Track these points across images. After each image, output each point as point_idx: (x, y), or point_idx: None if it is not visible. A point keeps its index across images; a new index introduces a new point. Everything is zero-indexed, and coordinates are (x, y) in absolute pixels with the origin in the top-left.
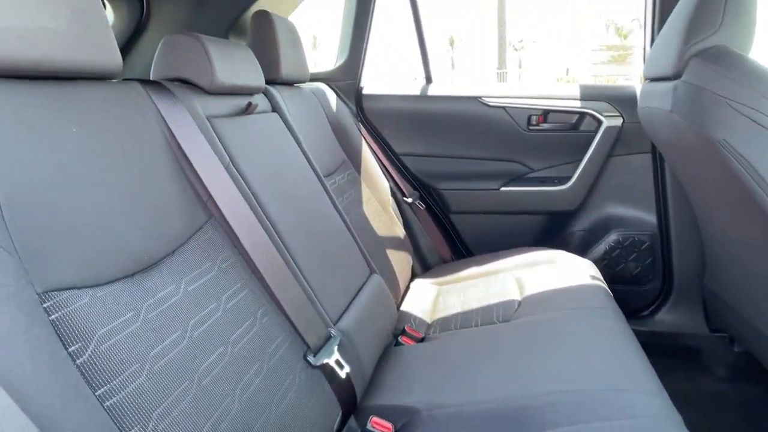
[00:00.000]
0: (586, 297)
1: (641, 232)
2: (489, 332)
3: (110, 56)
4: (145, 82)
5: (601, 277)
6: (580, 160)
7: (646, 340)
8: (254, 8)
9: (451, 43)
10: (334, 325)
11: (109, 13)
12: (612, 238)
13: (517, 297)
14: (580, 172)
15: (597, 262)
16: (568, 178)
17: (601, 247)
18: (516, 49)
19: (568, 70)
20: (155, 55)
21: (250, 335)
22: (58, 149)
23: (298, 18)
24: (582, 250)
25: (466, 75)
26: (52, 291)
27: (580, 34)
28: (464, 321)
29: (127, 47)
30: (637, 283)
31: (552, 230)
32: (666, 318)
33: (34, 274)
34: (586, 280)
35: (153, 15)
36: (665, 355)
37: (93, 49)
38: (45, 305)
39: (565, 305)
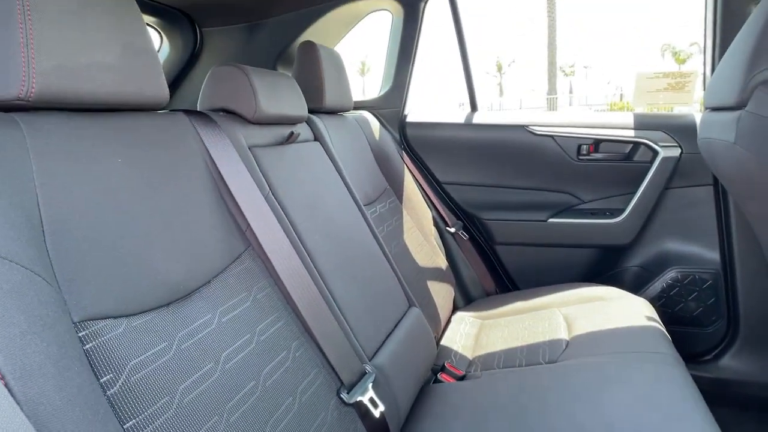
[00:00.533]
0: (640, 339)
1: (703, 269)
2: (534, 374)
3: (158, 88)
4: (190, 112)
5: (658, 318)
6: (634, 192)
7: (708, 389)
8: (301, 39)
9: (499, 68)
10: (370, 360)
11: (166, 45)
12: (670, 275)
13: (565, 336)
14: (635, 205)
15: (653, 301)
16: (622, 211)
17: (658, 285)
18: (566, 74)
19: (621, 95)
20: (203, 86)
21: (282, 369)
22: (103, 179)
23: (348, 44)
24: (636, 287)
25: (514, 101)
26: (88, 320)
27: (634, 59)
28: (508, 359)
29: (180, 77)
30: (698, 325)
31: (603, 265)
32: (731, 364)
33: (72, 303)
34: (641, 321)
35: (206, 47)
36: (730, 405)
37: (141, 81)
38: (80, 334)
39: (618, 348)
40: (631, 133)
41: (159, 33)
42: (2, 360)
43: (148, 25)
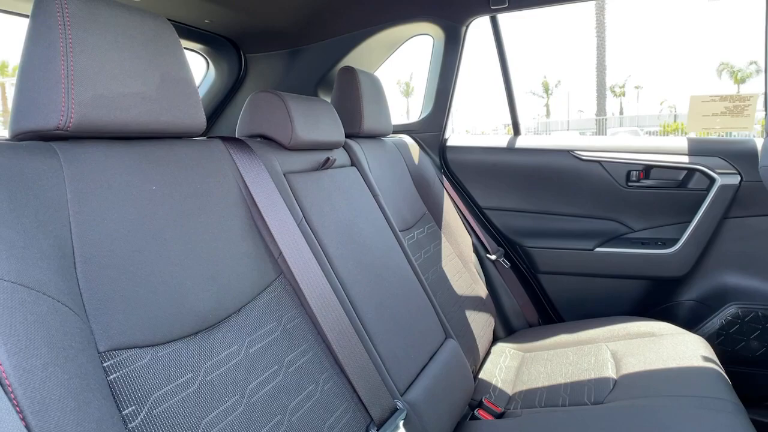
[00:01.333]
0: (696, 381)
1: (767, 305)
2: (577, 415)
3: (194, 116)
4: (227, 139)
5: (716, 358)
6: (689, 221)
7: None
8: (342, 64)
9: (546, 89)
10: (402, 395)
11: (212, 71)
12: (729, 311)
13: (613, 375)
14: (690, 234)
15: (710, 339)
16: (675, 241)
17: (716, 322)
18: (616, 95)
19: (675, 116)
20: (241, 112)
21: (310, 403)
22: (137, 206)
23: (393, 65)
24: (691, 323)
25: (562, 123)
26: (114, 350)
27: (686, 75)
28: (550, 397)
29: (225, 102)
30: (761, 366)
31: (655, 298)
32: None
33: (98, 332)
34: (697, 361)
35: (250, 72)
36: None
37: (178, 110)
38: (105, 364)
39: (671, 390)
40: (686, 158)
41: (206, 59)
42: (21, 393)
43: (195, 51)
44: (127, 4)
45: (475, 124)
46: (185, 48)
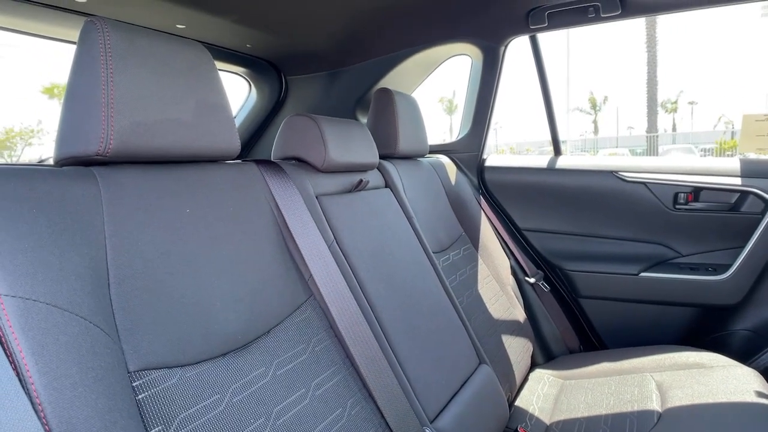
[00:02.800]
0: (749, 418)
1: None
2: None
3: (229, 140)
4: (261, 162)
5: None
6: (742, 246)
7: None
8: (380, 85)
9: (593, 105)
10: (431, 422)
11: (254, 93)
12: None
13: (657, 407)
14: (744, 260)
15: (765, 373)
16: (727, 267)
17: None
18: (667, 111)
19: (733, 134)
20: (277, 135)
21: (336, 428)
22: (171, 229)
23: (436, 82)
24: (745, 355)
25: (611, 139)
26: (144, 370)
27: (747, 94)
28: (589, 429)
29: (266, 123)
30: None
31: (705, 327)
32: None
33: (129, 353)
34: (750, 396)
35: (290, 94)
36: None
37: (214, 135)
38: (135, 384)
39: (720, 427)
40: (738, 180)
41: (248, 82)
42: (51, 413)
43: (238, 74)
44: (166, 33)
45: (520, 140)
46: (228, 71)
